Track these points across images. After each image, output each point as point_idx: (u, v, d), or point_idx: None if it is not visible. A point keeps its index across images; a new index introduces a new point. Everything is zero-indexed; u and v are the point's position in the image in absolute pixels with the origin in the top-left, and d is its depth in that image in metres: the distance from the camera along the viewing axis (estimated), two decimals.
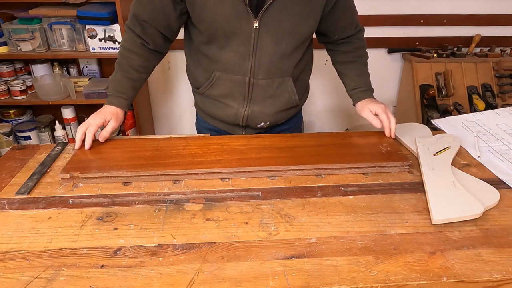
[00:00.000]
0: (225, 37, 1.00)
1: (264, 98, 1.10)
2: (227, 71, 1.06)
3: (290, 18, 0.97)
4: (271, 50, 1.01)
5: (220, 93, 1.11)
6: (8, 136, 2.15)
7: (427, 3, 2.32)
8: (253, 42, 1.00)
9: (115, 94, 1.05)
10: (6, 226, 0.74)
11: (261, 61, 1.03)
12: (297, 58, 1.08)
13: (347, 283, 0.61)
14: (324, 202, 0.81)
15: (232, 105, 1.11)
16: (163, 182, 0.88)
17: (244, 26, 0.97)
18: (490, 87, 2.30)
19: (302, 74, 1.17)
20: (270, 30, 0.98)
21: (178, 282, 0.61)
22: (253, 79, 1.06)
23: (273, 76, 1.07)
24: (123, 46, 1.06)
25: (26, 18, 1.99)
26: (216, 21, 0.96)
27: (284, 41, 1.01)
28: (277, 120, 1.17)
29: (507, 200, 0.82)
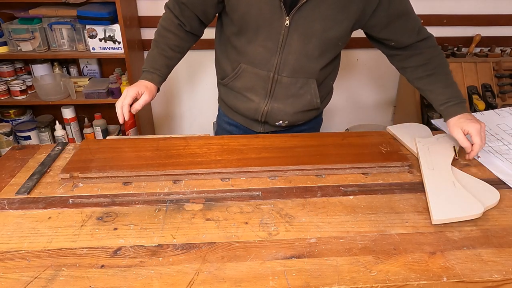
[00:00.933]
0: (255, 30, 1.01)
1: (286, 97, 1.10)
2: (253, 65, 1.07)
3: (321, 21, 0.97)
4: (298, 49, 1.02)
5: (243, 86, 1.11)
6: (8, 136, 2.15)
7: (427, 3, 2.32)
8: (281, 38, 1.00)
9: (150, 70, 1.06)
10: (6, 226, 0.74)
11: (287, 59, 1.03)
12: (325, 62, 1.07)
13: (347, 283, 0.61)
14: (324, 202, 0.81)
15: (254, 99, 1.12)
16: (163, 182, 0.88)
17: (275, 21, 0.98)
18: (490, 87, 2.30)
19: (327, 79, 1.16)
20: (300, 29, 0.98)
21: (178, 282, 0.61)
22: (277, 76, 1.06)
23: (297, 76, 1.06)
24: (161, 24, 1.09)
25: (26, 18, 1.99)
26: (249, 13, 0.98)
27: (313, 42, 1.01)
28: (296, 120, 1.17)
29: (507, 200, 0.82)
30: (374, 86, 2.59)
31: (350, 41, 2.64)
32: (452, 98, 1.01)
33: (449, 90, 1.03)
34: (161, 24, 1.09)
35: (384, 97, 2.64)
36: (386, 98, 2.64)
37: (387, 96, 2.63)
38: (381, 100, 2.65)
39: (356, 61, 2.48)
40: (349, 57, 2.45)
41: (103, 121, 2.28)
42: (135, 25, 2.15)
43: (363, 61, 2.48)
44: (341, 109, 2.66)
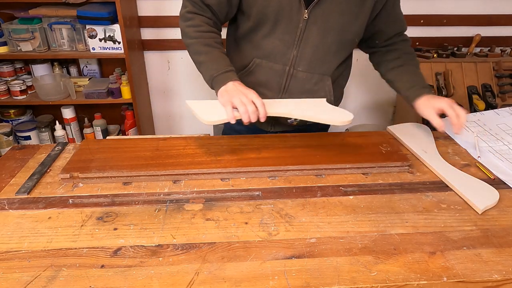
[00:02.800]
0: (273, 23, 1.01)
1: (300, 92, 1.09)
2: (268, 59, 1.06)
3: (339, 15, 0.98)
4: (316, 42, 1.02)
5: (256, 81, 1.09)
6: (8, 136, 2.15)
7: (427, 3, 2.32)
8: (299, 32, 1.00)
9: (227, 69, 0.99)
10: (6, 226, 0.74)
11: (304, 52, 1.03)
12: (340, 59, 1.08)
13: (347, 283, 0.61)
14: (324, 202, 0.81)
15: (267, 95, 1.08)
16: (163, 182, 0.88)
17: (294, 14, 0.98)
18: (490, 87, 2.30)
19: (340, 79, 1.16)
20: (318, 23, 0.99)
21: (178, 282, 0.61)
22: (293, 70, 1.06)
23: (313, 71, 1.06)
24: (199, 30, 1.02)
25: (26, 18, 1.99)
26: (268, 6, 0.98)
27: (330, 36, 1.01)
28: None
29: (507, 200, 0.82)
30: (374, 86, 2.59)
31: None
32: (418, 83, 1.06)
33: (416, 78, 1.08)
34: (198, 29, 1.03)
35: (384, 97, 2.64)
36: (386, 98, 2.64)
37: (387, 96, 2.63)
38: (381, 100, 2.65)
39: (356, 61, 2.47)
40: None
41: (103, 121, 2.28)
42: (135, 25, 2.15)
43: (363, 61, 2.46)
44: None
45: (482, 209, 0.78)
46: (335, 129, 2.87)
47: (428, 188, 0.86)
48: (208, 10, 1.04)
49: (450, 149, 1.03)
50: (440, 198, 0.83)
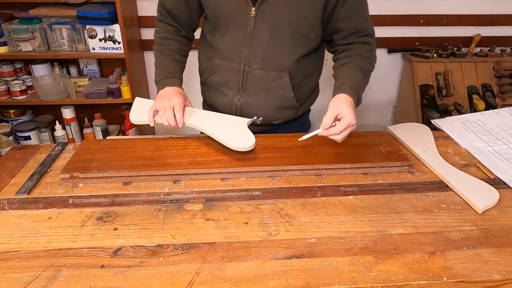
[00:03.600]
0: (225, 23, 1.04)
1: (258, 90, 1.10)
2: (225, 59, 1.09)
3: (289, 11, 0.98)
4: (266, 39, 1.02)
5: (218, 81, 1.13)
6: (8, 136, 2.15)
7: (427, 3, 2.32)
8: (249, 30, 1.01)
9: (168, 75, 1.07)
10: (6, 226, 0.74)
11: (256, 50, 1.04)
12: (297, 55, 1.07)
13: (347, 283, 0.61)
14: (324, 202, 0.81)
15: (228, 94, 1.13)
16: (163, 182, 0.88)
17: (242, 12, 0.99)
18: (490, 87, 2.30)
19: (307, 79, 1.16)
20: (267, 20, 0.99)
21: (178, 282, 0.61)
22: (247, 68, 1.07)
23: (268, 68, 1.07)
24: (159, 36, 1.13)
25: (26, 18, 1.99)
26: (218, 7, 1.02)
27: (281, 33, 1.01)
28: (272, 118, 1.16)
29: (507, 200, 0.82)
30: (374, 86, 2.59)
31: None
32: (349, 81, 1.00)
33: (351, 76, 1.02)
34: (159, 36, 1.13)
35: (384, 97, 2.64)
36: (386, 98, 2.64)
37: (387, 96, 2.63)
38: (381, 100, 2.65)
39: None
40: None
41: (103, 121, 2.28)
42: (135, 25, 2.15)
43: None
44: None
45: (482, 209, 0.78)
46: None
47: (428, 188, 0.86)
48: (170, 17, 1.11)
49: (450, 149, 1.03)
50: (440, 198, 0.83)
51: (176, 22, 1.12)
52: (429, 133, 1.09)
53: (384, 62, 2.50)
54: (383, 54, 2.47)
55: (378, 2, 2.29)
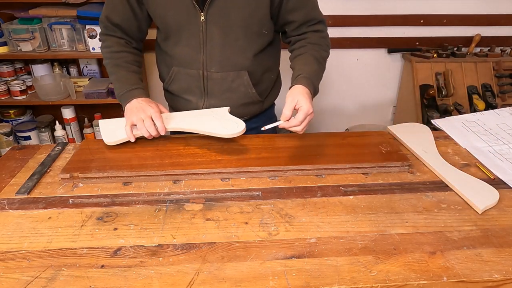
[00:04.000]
0: (177, 32, 1.04)
1: (220, 92, 1.11)
2: (183, 66, 1.09)
3: (238, 11, 0.98)
4: (220, 42, 1.03)
5: (179, 88, 1.14)
6: (8, 136, 2.15)
7: (427, 3, 2.32)
8: (202, 35, 1.02)
9: (131, 87, 1.03)
10: (6, 226, 0.74)
11: (212, 54, 1.05)
12: (253, 52, 1.07)
13: (347, 283, 0.61)
14: (324, 202, 0.81)
15: (191, 100, 1.14)
16: (163, 182, 0.88)
17: (191, 19, 1.00)
18: (490, 87, 2.30)
19: (267, 73, 1.16)
20: (218, 22, 1.00)
21: (178, 282, 0.61)
22: (206, 72, 1.07)
23: (226, 69, 1.07)
24: (110, 51, 1.08)
25: (26, 18, 1.99)
26: (167, 16, 1.02)
27: (233, 33, 1.02)
28: (238, 115, 1.14)
29: (507, 200, 0.82)
30: (374, 86, 2.59)
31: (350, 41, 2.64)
32: (304, 72, 1.01)
33: (307, 68, 1.03)
34: (110, 50, 1.08)
35: (384, 97, 2.64)
36: (386, 98, 2.64)
37: (387, 96, 2.63)
38: (381, 100, 2.65)
39: (356, 61, 2.48)
40: (349, 57, 2.45)
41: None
42: None
43: (363, 61, 2.48)
44: (341, 109, 2.66)
45: (482, 209, 0.78)
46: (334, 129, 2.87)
47: (428, 188, 0.86)
48: (118, 30, 1.08)
49: (450, 149, 1.03)
50: (440, 198, 0.83)
51: (125, 34, 1.09)
52: (429, 133, 1.09)
53: (384, 62, 2.50)
54: (383, 54, 2.47)
55: (379, 2, 2.29)
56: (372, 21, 2.33)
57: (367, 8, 2.30)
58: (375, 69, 2.51)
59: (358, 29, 2.35)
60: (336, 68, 2.48)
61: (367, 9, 2.30)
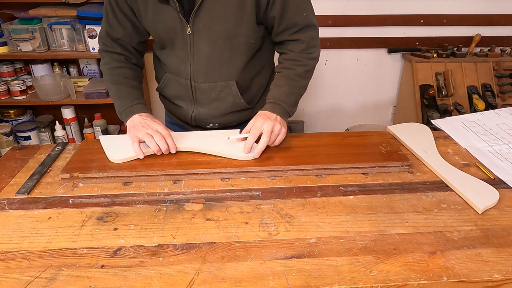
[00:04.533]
0: (169, 43, 1.05)
1: (208, 101, 1.11)
2: (175, 74, 1.11)
3: (222, 22, 0.97)
4: (206, 54, 1.03)
5: (171, 94, 1.16)
6: (8, 136, 2.15)
7: (427, 3, 2.32)
8: (190, 47, 1.03)
9: (133, 103, 1.02)
10: (6, 226, 0.74)
11: (199, 66, 1.05)
12: (241, 62, 1.06)
13: (347, 283, 0.61)
14: (324, 202, 0.81)
15: (182, 106, 1.15)
16: (163, 182, 0.88)
17: (179, 31, 1.00)
18: (490, 87, 2.30)
19: (257, 78, 1.15)
20: (203, 35, 1.00)
21: (178, 282, 0.61)
22: (194, 83, 1.08)
23: (214, 80, 1.07)
24: (109, 67, 1.07)
25: (26, 18, 1.99)
26: (158, 29, 1.03)
27: (219, 45, 1.01)
28: (227, 122, 1.17)
29: (507, 200, 0.82)
30: (374, 86, 2.59)
31: (350, 41, 2.64)
32: (271, 97, 1.02)
33: (276, 90, 1.04)
34: (109, 67, 1.07)
35: (384, 97, 2.64)
36: (386, 98, 2.64)
37: (387, 96, 2.63)
38: (381, 100, 2.65)
39: (356, 61, 2.48)
40: (349, 57, 2.45)
41: (103, 121, 2.28)
42: None
43: (363, 61, 2.48)
44: (341, 109, 2.66)
45: (482, 209, 0.78)
46: (334, 129, 2.87)
47: (428, 188, 0.86)
48: (118, 45, 1.07)
49: (450, 149, 1.04)
50: (440, 198, 0.83)
51: (125, 50, 1.08)
52: (429, 133, 1.09)
53: (384, 62, 2.50)
54: (383, 54, 2.47)
55: (379, 2, 2.29)
56: (372, 21, 2.33)
57: (367, 8, 2.30)
58: (375, 69, 2.51)
59: (358, 29, 2.36)
60: (336, 68, 2.48)
61: (367, 9, 2.30)
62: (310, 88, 2.55)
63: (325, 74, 2.51)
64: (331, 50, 2.40)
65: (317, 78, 2.52)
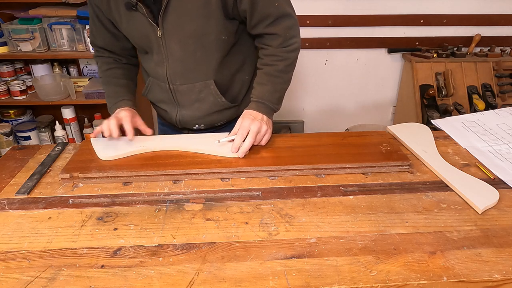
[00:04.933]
0: (147, 48, 1.06)
1: (189, 103, 1.12)
2: (155, 78, 1.12)
3: (191, 22, 0.97)
4: (179, 56, 1.03)
5: (155, 98, 1.18)
6: (8, 136, 2.15)
7: (427, 3, 2.32)
8: (163, 50, 1.03)
9: (117, 100, 1.07)
10: (6, 226, 0.74)
11: (174, 68, 1.06)
12: (217, 60, 1.05)
13: (347, 283, 0.61)
14: (324, 202, 0.81)
15: (166, 109, 1.17)
16: (163, 182, 0.88)
17: (152, 36, 1.01)
18: (490, 87, 2.30)
19: (239, 75, 1.13)
20: (174, 36, 1.00)
21: (178, 282, 0.61)
22: (172, 86, 1.09)
23: (192, 81, 1.07)
24: (101, 70, 1.14)
25: (26, 18, 1.99)
26: (133, 36, 1.05)
27: (190, 45, 1.01)
28: (213, 121, 1.17)
29: (507, 200, 0.82)
30: (374, 86, 2.59)
31: (350, 41, 2.63)
32: (255, 96, 1.04)
33: (260, 88, 1.04)
34: (101, 70, 1.14)
35: (384, 97, 2.64)
36: (386, 98, 2.64)
37: (387, 96, 2.63)
38: (381, 100, 2.65)
39: (356, 61, 2.48)
40: (349, 57, 2.45)
41: (103, 121, 2.27)
42: None
43: (363, 61, 2.48)
44: (341, 109, 2.66)
45: (482, 209, 0.78)
46: (334, 129, 2.87)
47: (428, 188, 0.86)
48: (104, 51, 1.13)
49: (450, 149, 1.03)
50: (440, 198, 0.83)
51: (112, 53, 1.14)
52: (429, 133, 1.09)
53: (384, 62, 2.50)
54: (383, 54, 2.47)
55: (379, 2, 2.29)
56: (372, 21, 2.33)
57: (367, 8, 2.30)
58: (375, 69, 2.52)
59: (358, 29, 2.36)
60: (336, 68, 2.48)
61: (367, 9, 2.30)
62: (310, 88, 2.56)
63: (325, 74, 2.51)
64: (331, 50, 2.40)
65: (317, 78, 2.52)
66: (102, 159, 0.93)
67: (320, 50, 2.41)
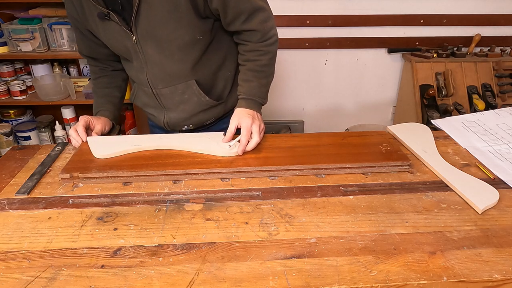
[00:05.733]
0: (126, 56, 1.07)
1: (175, 105, 1.12)
2: (139, 84, 1.13)
3: (163, 26, 0.96)
4: (157, 59, 1.03)
5: (142, 103, 1.19)
6: (8, 136, 2.15)
7: (427, 3, 2.32)
8: (141, 55, 1.03)
9: (96, 111, 1.15)
10: (6, 226, 0.74)
11: (153, 72, 1.06)
12: (194, 60, 1.04)
13: (347, 283, 0.61)
14: (324, 202, 0.81)
15: (154, 113, 1.19)
16: (163, 182, 0.88)
17: (128, 43, 1.01)
18: (490, 87, 2.30)
19: (221, 72, 1.12)
20: (148, 41, 1.00)
21: (178, 282, 0.61)
22: (155, 90, 1.09)
23: (173, 83, 1.08)
24: (91, 80, 1.21)
25: (26, 18, 1.99)
26: (112, 45, 1.06)
27: (165, 48, 1.01)
28: (201, 121, 1.17)
29: (507, 200, 0.82)
30: (374, 86, 2.59)
31: (350, 41, 2.64)
32: (242, 93, 1.05)
33: (246, 85, 1.05)
34: (91, 79, 1.21)
35: (384, 97, 2.64)
36: (386, 98, 2.64)
37: (387, 96, 2.63)
38: (381, 100, 2.65)
39: (356, 61, 2.48)
40: (349, 57, 2.45)
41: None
42: None
43: (363, 61, 2.48)
44: (341, 109, 2.66)
45: (482, 209, 0.78)
46: (334, 129, 2.87)
47: (428, 188, 0.86)
48: (91, 59, 1.17)
49: (450, 149, 1.04)
50: (440, 198, 0.83)
51: (99, 62, 1.17)
52: (429, 133, 1.09)
53: (384, 62, 2.50)
54: (383, 54, 2.47)
55: (379, 2, 2.29)
56: (372, 21, 2.33)
57: (367, 8, 2.30)
58: (375, 69, 2.51)
59: (358, 29, 2.36)
60: (336, 68, 2.48)
61: (367, 9, 2.30)
62: (310, 88, 2.56)
63: (325, 74, 2.51)
64: (331, 50, 2.41)
65: (317, 78, 2.52)
66: (98, 158, 0.94)
67: (320, 50, 2.41)
